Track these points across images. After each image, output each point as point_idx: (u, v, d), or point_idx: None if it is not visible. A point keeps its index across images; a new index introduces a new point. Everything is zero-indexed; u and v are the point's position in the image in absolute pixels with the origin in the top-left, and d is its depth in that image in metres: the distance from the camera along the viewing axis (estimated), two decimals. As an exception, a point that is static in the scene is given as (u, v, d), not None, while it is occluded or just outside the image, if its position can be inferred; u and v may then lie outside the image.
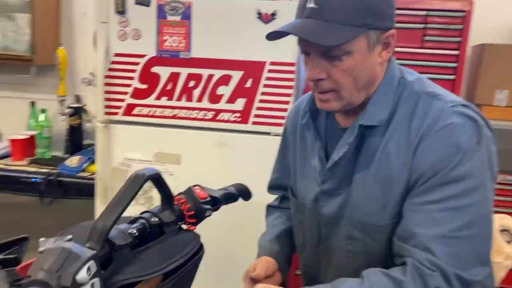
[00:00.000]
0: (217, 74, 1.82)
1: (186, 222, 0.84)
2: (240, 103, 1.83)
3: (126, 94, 1.89)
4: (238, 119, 1.84)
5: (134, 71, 1.86)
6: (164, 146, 1.90)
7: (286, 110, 1.76)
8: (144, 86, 1.87)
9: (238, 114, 1.84)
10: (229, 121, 1.85)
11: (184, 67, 1.83)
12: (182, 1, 1.79)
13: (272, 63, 1.78)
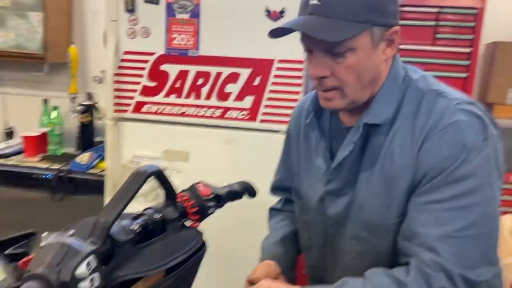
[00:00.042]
0: (225, 72, 1.82)
1: (189, 219, 0.84)
2: (248, 101, 1.82)
3: (135, 91, 1.90)
4: (246, 117, 1.84)
5: (143, 69, 1.87)
6: (172, 143, 1.91)
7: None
8: (153, 84, 1.88)
9: (246, 112, 1.84)
10: (237, 119, 1.85)
11: (192, 65, 1.84)
12: (191, -1, 1.79)
13: (280, 61, 1.77)
